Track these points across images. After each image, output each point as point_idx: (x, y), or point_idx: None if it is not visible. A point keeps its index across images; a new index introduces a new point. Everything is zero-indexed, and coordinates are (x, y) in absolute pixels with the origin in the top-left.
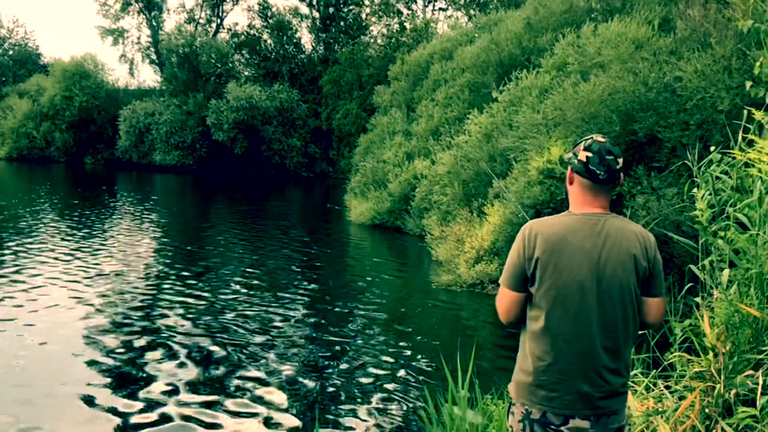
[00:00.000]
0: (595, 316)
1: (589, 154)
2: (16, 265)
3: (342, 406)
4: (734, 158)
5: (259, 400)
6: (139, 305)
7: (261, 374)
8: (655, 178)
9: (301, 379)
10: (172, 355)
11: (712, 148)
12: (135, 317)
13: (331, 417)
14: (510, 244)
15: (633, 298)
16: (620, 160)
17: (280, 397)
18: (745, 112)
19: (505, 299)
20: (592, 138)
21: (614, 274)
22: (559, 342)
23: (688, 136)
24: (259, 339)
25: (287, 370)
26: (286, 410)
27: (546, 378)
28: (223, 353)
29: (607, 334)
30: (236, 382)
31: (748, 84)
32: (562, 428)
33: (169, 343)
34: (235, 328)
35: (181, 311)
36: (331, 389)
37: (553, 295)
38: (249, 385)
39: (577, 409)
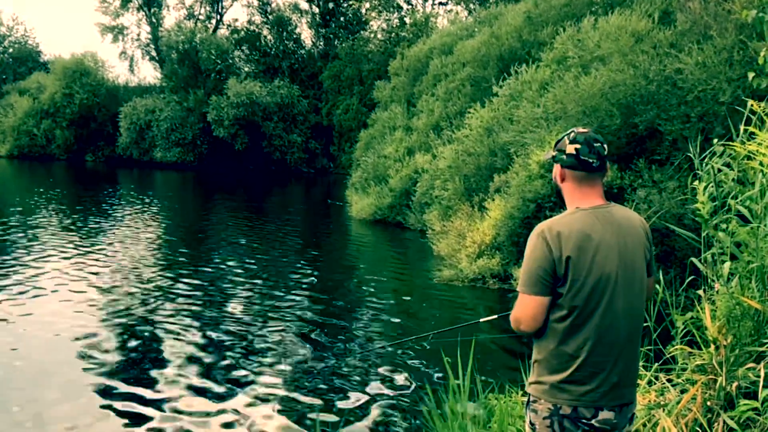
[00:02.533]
0: (622, 306)
1: (578, 146)
2: (20, 263)
3: (343, 400)
4: (736, 150)
5: (259, 392)
6: (143, 299)
7: (261, 367)
8: (656, 171)
9: (301, 373)
10: (173, 350)
11: (715, 141)
12: (138, 311)
13: (331, 410)
14: (511, 239)
15: (644, 284)
16: (606, 146)
17: (280, 391)
18: (747, 103)
19: (531, 307)
20: (573, 131)
21: (633, 262)
22: (592, 336)
23: (689, 129)
24: (259, 333)
25: (288, 363)
26: (285, 403)
27: (580, 373)
28: (226, 347)
29: (633, 323)
30: (237, 375)
31: (751, 75)
32: (593, 421)
33: (171, 337)
34: (237, 321)
35: (183, 307)
36: (331, 383)
37: (587, 292)
38: (249, 377)
39: (608, 401)
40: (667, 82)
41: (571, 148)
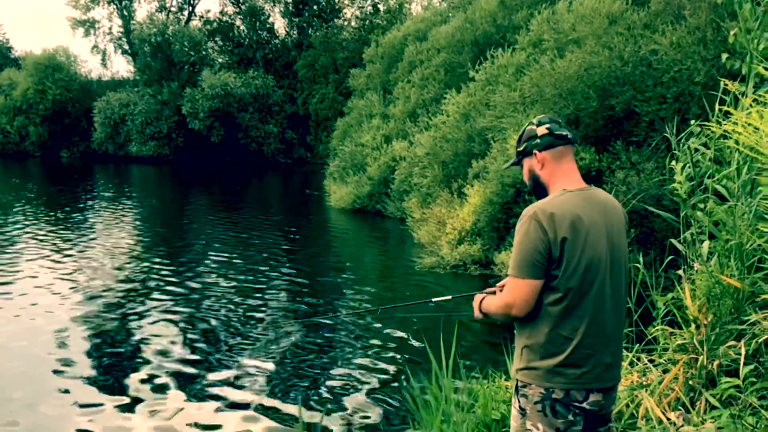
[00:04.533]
0: (611, 286)
1: (548, 125)
2: None
3: (326, 390)
4: (712, 130)
5: (243, 386)
6: (122, 295)
7: (245, 361)
8: (634, 152)
9: (284, 364)
10: (153, 346)
11: (693, 122)
12: (117, 307)
13: (315, 401)
14: (491, 224)
15: (628, 264)
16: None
17: (264, 383)
18: (723, 83)
19: (525, 291)
20: (531, 121)
21: (619, 244)
22: (586, 317)
23: (665, 110)
24: (241, 326)
25: (270, 356)
26: (270, 395)
27: (575, 356)
28: (206, 341)
29: (620, 303)
30: (220, 369)
31: (724, 56)
32: (584, 404)
33: (151, 333)
34: (217, 315)
35: (165, 297)
36: (315, 373)
37: (581, 273)
38: (232, 372)
39: (601, 382)
40: (643, 63)
41: (542, 130)
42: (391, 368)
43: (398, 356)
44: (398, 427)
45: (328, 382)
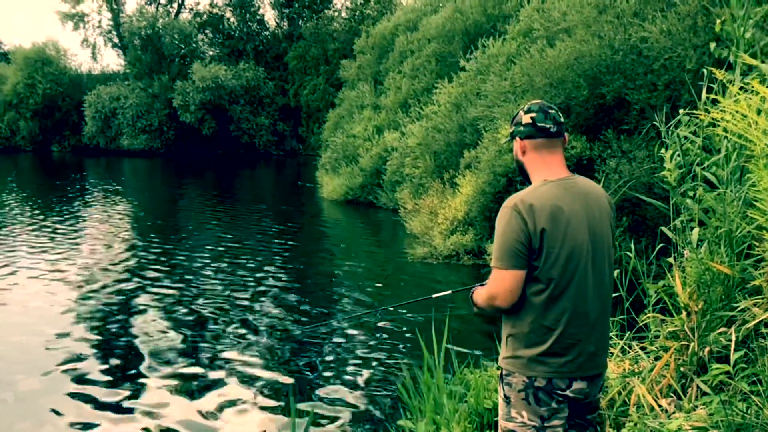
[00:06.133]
0: (593, 275)
1: (533, 114)
2: None
3: (318, 380)
4: (700, 118)
5: (236, 378)
6: (117, 289)
7: (237, 351)
8: (625, 141)
9: (276, 355)
10: (148, 337)
11: (681, 111)
12: (112, 300)
13: (307, 390)
14: (483, 214)
15: (612, 252)
16: (560, 114)
17: (257, 375)
18: (709, 71)
19: (508, 282)
20: (526, 105)
21: (602, 233)
22: (569, 307)
23: (656, 98)
24: (234, 317)
25: (263, 347)
26: (261, 385)
27: (559, 345)
28: (200, 333)
29: (605, 291)
30: (213, 361)
31: (713, 45)
32: (567, 392)
33: (146, 325)
34: (210, 306)
35: (160, 291)
36: (307, 363)
37: (562, 263)
38: (225, 363)
39: (585, 370)
40: (633, 51)
41: (527, 118)
42: (384, 359)
43: (391, 347)
44: (391, 416)
45: (321, 373)
